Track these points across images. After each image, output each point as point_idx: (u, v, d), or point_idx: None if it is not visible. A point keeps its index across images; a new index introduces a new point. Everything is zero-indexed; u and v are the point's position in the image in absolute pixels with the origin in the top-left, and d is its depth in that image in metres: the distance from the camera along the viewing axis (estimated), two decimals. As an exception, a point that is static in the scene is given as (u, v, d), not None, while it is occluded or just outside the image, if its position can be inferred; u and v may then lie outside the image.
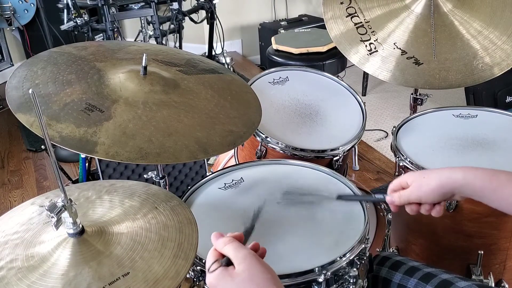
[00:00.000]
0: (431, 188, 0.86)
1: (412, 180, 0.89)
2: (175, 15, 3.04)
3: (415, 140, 1.30)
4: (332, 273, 0.86)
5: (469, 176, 0.84)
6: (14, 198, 2.43)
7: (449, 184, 0.85)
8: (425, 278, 0.95)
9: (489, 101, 2.74)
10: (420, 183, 0.88)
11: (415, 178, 0.89)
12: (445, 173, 0.86)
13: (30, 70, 1.02)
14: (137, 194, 0.90)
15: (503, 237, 1.19)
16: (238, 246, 0.70)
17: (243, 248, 0.70)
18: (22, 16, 3.17)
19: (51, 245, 0.76)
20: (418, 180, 0.88)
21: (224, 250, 0.70)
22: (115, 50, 1.18)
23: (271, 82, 1.51)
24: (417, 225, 1.30)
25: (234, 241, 0.71)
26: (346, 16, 1.51)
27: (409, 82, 1.39)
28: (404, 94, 3.32)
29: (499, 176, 0.83)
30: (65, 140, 0.86)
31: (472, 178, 0.84)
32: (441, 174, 0.86)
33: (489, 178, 0.83)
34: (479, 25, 1.41)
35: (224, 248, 0.70)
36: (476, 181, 0.83)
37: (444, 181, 0.85)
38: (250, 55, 4.33)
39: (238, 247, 0.70)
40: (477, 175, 0.84)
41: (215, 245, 0.72)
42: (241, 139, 1.03)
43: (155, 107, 0.98)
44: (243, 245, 0.71)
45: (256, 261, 0.68)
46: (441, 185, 0.85)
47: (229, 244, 0.70)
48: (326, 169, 1.16)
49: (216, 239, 0.73)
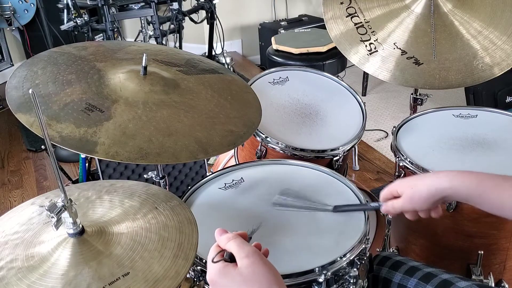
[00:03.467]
0: (422, 200, 0.88)
1: (401, 190, 0.91)
2: (175, 15, 3.04)
3: (415, 140, 1.30)
4: (332, 273, 0.86)
5: (455, 184, 0.85)
6: (14, 198, 2.43)
7: (437, 194, 0.87)
8: (425, 278, 0.95)
9: (489, 101, 2.74)
10: (411, 195, 0.89)
11: (404, 189, 0.91)
12: (432, 183, 0.87)
13: (30, 70, 1.02)
14: (137, 194, 0.90)
15: (503, 237, 1.19)
16: (241, 243, 0.69)
17: (246, 245, 0.69)
18: (22, 16, 3.17)
19: (51, 245, 0.76)
20: (408, 191, 0.90)
21: (227, 246, 0.69)
22: (115, 50, 1.18)
23: (271, 82, 1.51)
24: (417, 225, 1.30)
25: (238, 238, 0.70)
26: (346, 16, 1.51)
27: (409, 82, 1.39)
28: (404, 94, 3.32)
29: (486, 182, 0.84)
30: (65, 140, 0.86)
31: (458, 185, 0.85)
32: (429, 185, 0.87)
33: (475, 185, 0.84)
34: (479, 25, 1.41)
35: (227, 244, 0.69)
36: (462, 189, 0.85)
37: (432, 192, 0.87)
38: (250, 55, 4.33)
39: (241, 243, 0.69)
40: (464, 181, 0.85)
41: (218, 241, 0.71)
42: (241, 139, 1.03)
43: (155, 107, 0.98)
44: (247, 242, 0.70)
45: (259, 258, 0.67)
46: (430, 196, 0.87)
47: (232, 240, 0.69)
48: (326, 169, 1.16)
49: (219, 235, 0.72)
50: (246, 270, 0.66)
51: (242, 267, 0.66)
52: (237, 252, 0.68)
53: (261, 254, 0.68)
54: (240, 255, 0.67)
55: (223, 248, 0.70)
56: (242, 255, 0.67)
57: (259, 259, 0.67)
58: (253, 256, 0.67)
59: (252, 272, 0.65)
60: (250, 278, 0.65)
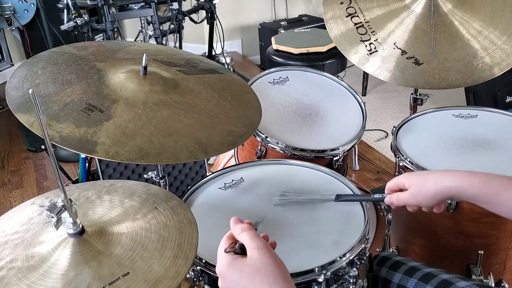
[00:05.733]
0: (427, 197, 0.88)
1: (409, 184, 0.91)
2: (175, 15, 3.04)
3: (415, 140, 1.30)
4: (332, 273, 0.86)
5: (463, 183, 0.85)
6: (14, 198, 2.43)
7: (444, 192, 0.86)
8: (425, 278, 0.95)
9: (489, 101, 2.74)
10: (417, 191, 0.89)
11: (412, 183, 0.90)
12: (441, 181, 0.87)
13: (30, 70, 1.02)
14: (137, 194, 0.90)
15: (503, 237, 1.19)
16: (254, 236, 0.70)
17: (258, 238, 0.70)
18: (22, 16, 3.17)
19: (51, 245, 0.76)
20: (415, 186, 0.89)
21: (240, 236, 0.70)
22: (115, 50, 1.18)
23: (271, 82, 1.51)
24: (417, 225, 1.30)
25: (252, 230, 0.71)
26: (346, 16, 1.51)
27: (409, 82, 1.39)
28: (404, 94, 3.32)
29: (494, 182, 0.83)
30: (65, 140, 0.86)
31: (466, 185, 0.84)
32: (437, 182, 0.87)
33: (483, 185, 0.83)
34: (479, 25, 1.41)
35: (240, 234, 0.70)
36: (470, 188, 0.84)
37: (439, 189, 0.86)
38: (250, 55, 4.33)
39: (254, 236, 0.70)
40: (472, 181, 0.84)
41: (233, 229, 0.72)
42: (241, 139, 1.03)
43: (155, 107, 0.98)
44: (259, 236, 0.71)
45: (269, 252, 0.68)
46: (436, 194, 0.87)
47: (246, 231, 0.70)
48: (326, 169, 1.16)
49: (234, 224, 0.73)
50: (254, 262, 0.67)
51: (251, 258, 0.67)
52: (249, 243, 0.69)
53: (271, 249, 0.70)
54: (251, 246, 0.68)
55: (236, 237, 0.71)
56: (253, 246, 0.68)
57: (269, 253, 0.68)
58: (263, 248, 0.68)
59: (260, 264, 0.66)
60: (257, 270, 0.66)
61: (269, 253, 0.68)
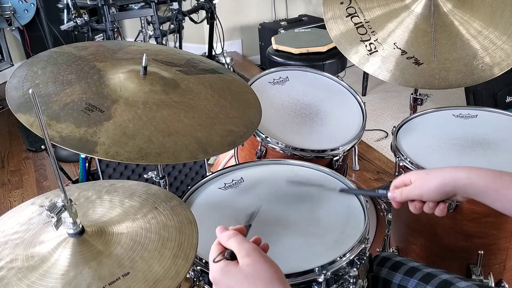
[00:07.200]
0: (433, 186, 0.85)
1: (415, 178, 0.89)
2: (175, 15, 3.04)
3: (415, 140, 1.30)
4: (332, 273, 0.86)
5: (472, 176, 0.83)
6: (14, 198, 2.43)
7: (451, 183, 0.84)
8: (425, 278, 0.95)
9: (489, 101, 2.74)
10: (423, 181, 0.87)
11: (418, 176, 0.89)
12: (449, 172, 0.86)
13: (30, 70, 1.02)
14: (137, 194, 0.90)
15: (503, 237, 1.19)
16: (242, 240, 0.69)
17: (247, 242, 0.69)
18: (22, 16, 3.17)
19: (51, 245, 0.76)
20: (421, 177, 0.88)
21: (228, 244, 0.70)
22: (115, 50, 1.18)
23: (271, 82, 1.51)
24: (417, 225, 1.30)
25: (238, 235, 0.70)
26: (346, 16, 1.51)
27: (409, 82, 1.39)
28: (404, 94, 3.32)
29: (503, 177, 0.82)
30: (65, 140, 0.86)
31: (475, 178, 0.83)
32: (445, 173, 0.86)
33: (492, 179, 0.82)
34: (479, 25, 1.41)
35: (228, 242, 0.70)
36: (479, 181, 0.83)
37: (447, 180, 0.85)
38: (250, 55, 4.33)
39: (242, 241, 0.69)
40: (481, 175, 0.83)
41: (219, 238, 0.72)
42: (241, 139, 1.03)
43: (155, 107, 0.98)
44: (246, 239, 0.70)
45: (260, 255, 0.67)
46: (443, 184, 0.85)
47: (233, 237, 0.69)
48: (326, 169, 1.16)
49: (220, 232, 0.72)
50: (247, 269, 0.66)
51: (243, 265, 0.66)
52: (237, 251, 0.68)
53: (261, 251, 0.69)
54: (240, 254, 0.67)
55: (224, 245, 0.70)
56: (242, 254, 0.67)
57: (260, 256, 0.67)
58: (253, 253, 0.67)
59: (253, 270, 0.66)
60: (251, 276, 0.66)
61: (260, 257, 0.67)
